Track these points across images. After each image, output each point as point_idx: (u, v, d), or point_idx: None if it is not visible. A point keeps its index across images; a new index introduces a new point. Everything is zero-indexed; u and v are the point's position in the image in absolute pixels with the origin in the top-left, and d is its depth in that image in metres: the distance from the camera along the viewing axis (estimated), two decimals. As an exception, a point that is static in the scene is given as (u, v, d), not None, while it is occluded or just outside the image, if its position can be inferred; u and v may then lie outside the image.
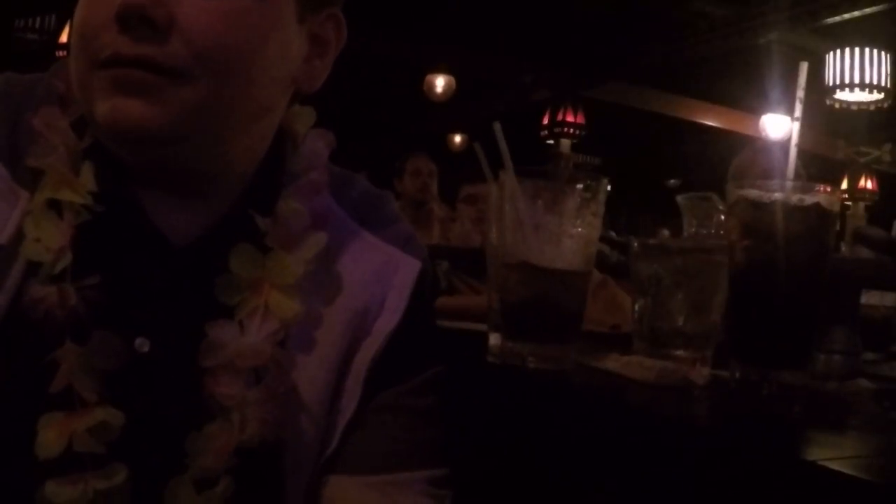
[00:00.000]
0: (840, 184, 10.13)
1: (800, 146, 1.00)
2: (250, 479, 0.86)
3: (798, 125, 1.01)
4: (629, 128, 10.13)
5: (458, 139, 11.39)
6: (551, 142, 9.29)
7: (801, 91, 1.01)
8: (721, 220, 1.30)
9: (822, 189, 0.96)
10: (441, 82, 8.61)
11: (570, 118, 9.10)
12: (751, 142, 4.26)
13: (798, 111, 1.01)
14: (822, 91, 6.59)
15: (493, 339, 1.12)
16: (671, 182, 12.50)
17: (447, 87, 8.63)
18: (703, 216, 1.36)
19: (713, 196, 1.34)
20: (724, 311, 1.13)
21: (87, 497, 0.80)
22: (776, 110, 7.96)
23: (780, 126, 7.95)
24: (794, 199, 0.95)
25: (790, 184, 0.96)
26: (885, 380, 1.29)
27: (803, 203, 0.95)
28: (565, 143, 9.28)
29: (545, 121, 9.28)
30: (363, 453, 0.93)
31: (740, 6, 7.23)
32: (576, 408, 1.01)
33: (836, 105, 6.70)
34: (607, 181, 1.08)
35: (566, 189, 1.07)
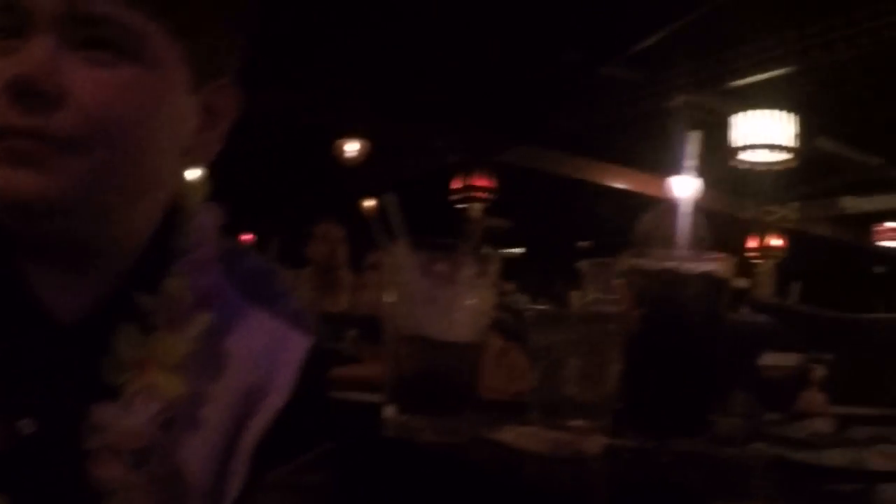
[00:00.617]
0: (745, 242, 10.47)
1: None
2: None
3: (696, 190, 1.03)
4: (541, 191, 10.29)
5: (369, 204, 11.40)
6: (463, 206, 9.37)
7: (692, 160, 1.02)
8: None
9: (714, 257, 0.97)
10: (351, 147, 8.64)
11: (481, 182, 9.20)
12: (657, 204, 4.35)
13: (694, 178, 1.02)
14: (730, 152, 6.80)
15: (389, 411, 1.10)
16: (583, 244, 12.69)
17: (358, 151, 8.67)
18: (604, 283, 1.36)
19: (615, 262, 1.35)
20: (619, 380, 1.12)
21: None
22: (684, 172, 8.16)
23: (686, 187, 8.15)
24: (684, 268, 0.95)
25: (682, 252, 0.97)
26: (787, 441, 1.30)
27: (693, 271, 0.95)
28: (476, 207, 9.37)
29: (457, 185, 9.37)
30: None
31: (649, 71, 7.44)
32: (470, 483, 0.99)
33: (743, 166, 6.92)
34: (499, 254, 1.08)
35: (460, 261, 1.07)
